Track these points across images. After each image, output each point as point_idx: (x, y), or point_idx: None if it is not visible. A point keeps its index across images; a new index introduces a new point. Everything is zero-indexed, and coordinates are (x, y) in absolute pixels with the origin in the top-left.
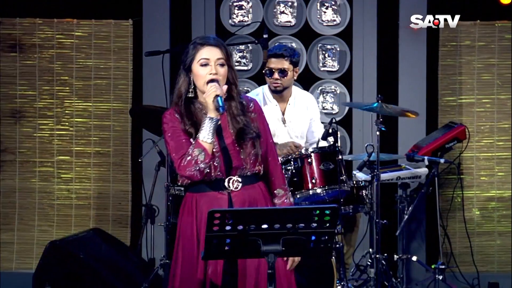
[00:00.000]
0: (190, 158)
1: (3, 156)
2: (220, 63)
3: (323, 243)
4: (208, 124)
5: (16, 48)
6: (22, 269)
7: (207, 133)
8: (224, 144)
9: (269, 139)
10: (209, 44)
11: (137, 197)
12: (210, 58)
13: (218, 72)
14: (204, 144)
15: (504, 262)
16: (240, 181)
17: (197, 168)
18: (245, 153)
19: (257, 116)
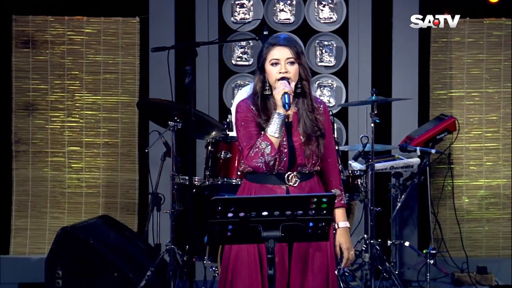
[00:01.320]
0: (257, 150)
1: (17, 147)
2: (290, 61)
3: (321, 229)
4: (276, 119)
5: (29, 44)
6: (35, 254)
7: (275, 128)
8: (292, 140)
9: (332, 142)
10: (279, 45)
11: (143, 186)
12: (280, 58)
13: (288, 70)
14: (271, 138)
15: (491, 247)
16: (298, 177)
17: (262, 160)
18: (310, 151)
19: (324, 119)
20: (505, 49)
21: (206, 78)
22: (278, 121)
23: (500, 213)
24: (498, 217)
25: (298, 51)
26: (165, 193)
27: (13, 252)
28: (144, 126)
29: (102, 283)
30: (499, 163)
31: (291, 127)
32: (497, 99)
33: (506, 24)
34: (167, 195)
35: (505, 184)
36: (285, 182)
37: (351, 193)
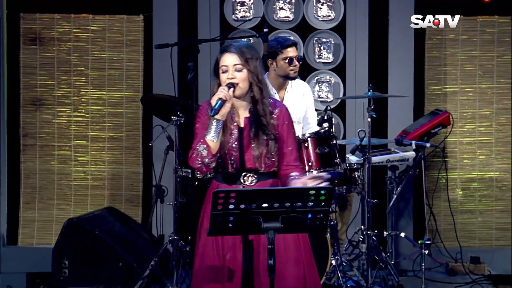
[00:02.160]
0: (196, 152)
1: (25, 141)
2: (237, 68)
3: (319, 220)
4: (213, 125)
5: (36, 41)
6: (42, 244)
7: (212, 133)
8: (242, 144)
9: (287, 147)
10: (227, 52)
11: (147, 179)
12: (227, 64)
13: (235, 76)
14: (208, 142)
15: (484, 238)
16: (255, 177)
17: (200, 162)
18: (259, 153)
19: (278, 124)
20: (498, 46)
21: (208, 74)
22: (214, 126)
23: (493, 204)
24: (491, 209)
25: (248, 58)
26: (168, 185)
27: (21, 242)
28: (148, 121)
29: (107, 273)
30: (492, 156)
31: (242, 131)
32: (490, 94)
33: (499, 21)
34: (170, 188)
35: (497, 177)
36: (241, 182)
37: (349, 185)
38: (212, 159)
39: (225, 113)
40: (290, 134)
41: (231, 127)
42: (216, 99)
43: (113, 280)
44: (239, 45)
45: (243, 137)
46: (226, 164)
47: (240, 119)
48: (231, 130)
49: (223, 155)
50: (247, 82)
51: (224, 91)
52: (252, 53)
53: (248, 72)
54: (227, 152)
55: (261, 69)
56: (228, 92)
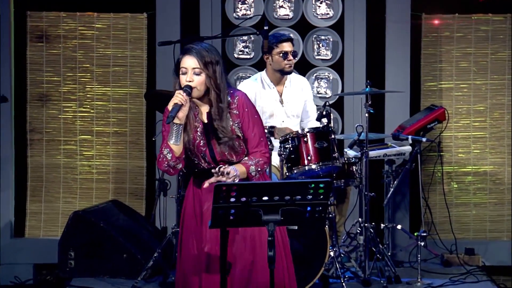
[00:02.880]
0: (162, 156)
1: (32, 136)
2: (195, 72)
3: (318, 213)
4: (173, 129)
5: (43, 38)
6: (49, 236)
7: (173, 137)
8: (209, 137)
9: (250, 133)
10: (187, 54)
11: (151, 172)
12: (187, 67)
13: (193, 79)
14: (171, 146)
15: (479, 230)
16: None
17: (166, 165)
18: (227, 149)
19: (239, 112)
20: (492, 43)
21: None
22: (174, 130)
23: (487, 198)
24: (485, 202)
25: (207, 62)
26: (171, 179)
27: (28, 234)
28: (151, 116)
29: (111, 264)
30: (486, 150)
31: (207, 126)
32: (484, 90)
33: (493, 19)
34: (173, 181)
35: (491, 171)
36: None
37: (347, 179)
38: (176, 162)
39: (183, 116)
40: (252, 119)
41: (195, 124)
42: (172, 105)
43: (117, 271)
44: (199, 49)
45: (208, 131)
46: (199, 160)
47: (203, 115)
48: (196, 127)
49: (195, 152)
50: (204, 85)
51: (179, 95)
52: (212, 57)
53: (206, 76)
54: (197, 149)
55: (220, 74)
56: (184, 96)
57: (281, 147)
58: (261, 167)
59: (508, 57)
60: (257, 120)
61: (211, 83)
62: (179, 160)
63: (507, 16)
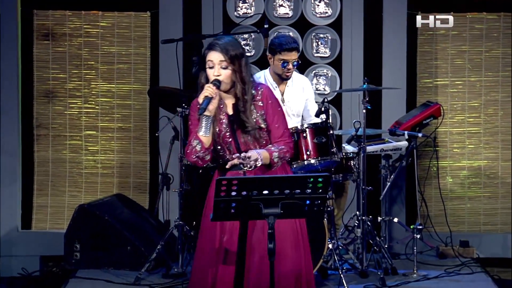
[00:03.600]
0: (191, 147)
1: (38, 131)
2: (222, 66)
3: (316, 206)
4: (203, 121)
5: (49, 36)
6: (55, 229)
7: (203, 129)
8: (234, 129)
9: (274, 124)
10: (213, 49)
11: (154, 167)
12: (214, 61)
13: (221, 73)
14: (201, 137)
15: (473, 223)
16: None
17: (195, 156)
18: (252, 139)
19: (263, 104)
20: (486, 41)
21: None
22: (204, 122)
23: (481, 191)
24: (480, 195)
25: (232, 56)
26: (174, 173)
27: (35, 227)
28: (154, 112)
29: (116, 256)
30: (481, 146)
31: (232, 117)
32: (479, 87)
33: (487, 18)
34: (175, 176)
35: (485, 165)
36: (241, 168)
37: (345, 173)
38: (205, 153)
39: (213, 109)
40: (276, 111)
41: (221, 116)
42: (203, 98)
43: (121, 262)
44: (225, 43)
45: (233, 123)
46: (225, 152)
47: (228, 108)
48: (221, 120)
49: (221, 144)
50: (231, 79)
51: (209, 89)
52: (237, 51)
53: (232, 70)
54: (223, 140)
55: (245, 66)
56: (214, 89)
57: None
58: (284, 155)
59: (502, 55)
60: (281, 112)
61: (236, 77)
62: (208, 151)
63: (500, 14)
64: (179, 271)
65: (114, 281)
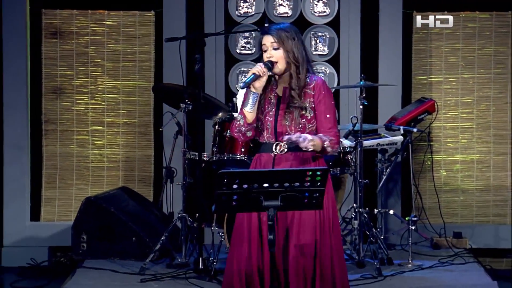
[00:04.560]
0: (235, 121)
1: (46, 126)
2: (273, 47)
3: (315, 199)
4: (250, 96)
5: (56, 35)
6: (63, 221)
7: (249, 105)
8: (278, 111)
9: (325, 115)
10: (264, 33)
11: (158, 161)
12: (266, 43)
13: (272, 55)
14: (245, 113)
15: (466, 215)
16: (286, 147)
17: (238, 130)
18: (290, 122)
19: (314, 93)
20: (479, 39)
21: (214, 65)
22: (250, 98)
23: (473, 184)
24: (472, 188)
25: (282, 37)
26: (177, 167)
27: (43, 219)
28: (158, 108)
29: (121, 246)
30: (473, 140)
31: (280, 101)
32: (472, 83)
33: (480, 17)
34: (179, 169)
35: (478, 159)
36: (272, 151)
37: (342, 167)
38: (248, 128)
39: (260, 87)
40: (328, 103)
41: (270, 96)
42: (250, 74)
43: (127, 253)
44: (276, 27)
45: (280, 106)
46: (264, 129)
47: (280, 90)
48: (270, 99)
49: (262, 120)
50: (284, 60)
51: (259, 67)
52: (289, 34)
53: (284, 51)
54: (265, 117)
55: (299, 48)
56: (263, 68)
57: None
58: (333, 146)
59: (494, 52)
60: (333, 106)
61: (289, 57)
62: (250, 127)
63: (492, 14)
64: (182, 261)
65: (120, 271)
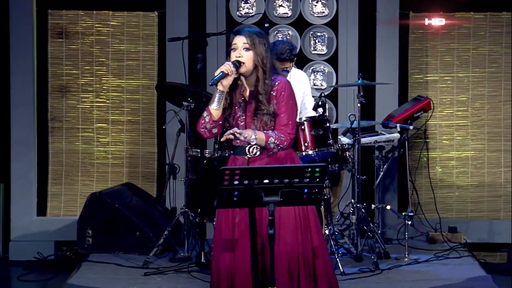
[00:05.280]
0: (201, 118)
1: (53, 124)
2: (244, 47)
3: (314, 195)
4: (216, 95)
5: (62, 35)
6: (68, 216)
7: (214, 103)
8: (246, 116)
9: (281, 113)
10: (238, 33)
11: (161, 157)
12: (237, 43)
13: (242, 55)
14: (211, 110)
15: (461, 210)
16: (259, 149)
17: (203, 127)
18: (259, 126)
19: (276, 94)
20: (473, 39)
21: (215, 64)
22: (217, 96)
23: (468, 180)
24: (467, 184)
25: (255, 40)
26: (180, 163)
27: (50, 214)
28: (162, 106)
29: (126, 241)
30: (468, 137)
31: (246, 104)
32: (466, 82)
33: (474, 17)
34: (181, 166)
35: (472, 156)
36: (246, 153)
37: (341, 163)
38: (213, 125)
39: (227, 85)
40: (286, 102)
41: (239, 100)
42: (219, 72)
43: (131, 247)
44: (250, 30)
45: (247, 108)
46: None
47: (247, 93)
48: (239, 103)
49: (233, 126)
50: (252, 62)
51: (227, 65)
52: (261, 39)
53: (254, 54)
54: (235, 122)
55: (268, 54)
56: (231, 67)
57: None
58: (281, 143)
59: (488, 52)
60: (291, 105)
61: (258, 61)
62: (215, 124)
63: (487, 14)
64: (185, 255)
65: (124, 265)
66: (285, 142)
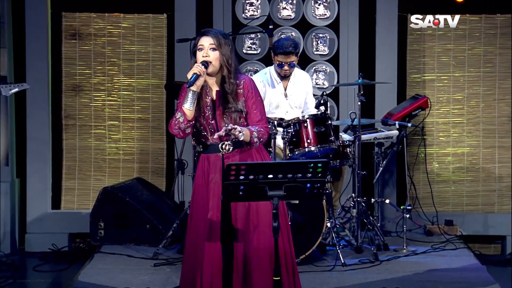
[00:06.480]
0: (174, 119)
1: (66, 121)
2: (211, 47)
3: (316, 189)
4: (188, 95)
5: (76, 36)
6: (82, 209)
7: (188, 103)
8: (216, 115)
9: (253, 110)
10: (204, 34)
11: (170, 153)
12: (204, 44)
13: (209, 54)
14: (185, 110)
15: (457, 204)
16: (231, 145)
17: (177, 128)
18: (228, 121)
19: (243, 92)
20: (469, 40)
21: None
22: (190, 97)
23: (464, 175)
24: (463, 179)
25: (221, 41)
26: (188, 159)
27: (64, 207)
28: (170, 104)
29: (136, 233)
30: (464, 134)
31: (214, 104)
32: (462, 81)
33: (470, 19)
34: (189, 161)
35: (468, 152)
36: (219, 150)
37: (342, 159)
38: (187, 125)
39: (199, 85)
40: (256, 99)
41: (206, 100)
42: (192, 74)
43: (141, 239)
44: (216, 32)
45: (216, 108)
46: (207, 133)
47: (213, 93)
48: (207, 103)
49: (203, 125)
50: (219, 62)
51: (199, 67)
52: (226, 40)
53: (220, 54)
54: (206, 121)
55: (232, 55)
56: (202, 68)
57: (284, 132)
58: (262, 137)
59: (483, 52)
60: (260, 101)
61: (224, 61)
62: (189, 124)
63: (482, 16)
64: None
65: (135, 256)
66: (265, 135)
